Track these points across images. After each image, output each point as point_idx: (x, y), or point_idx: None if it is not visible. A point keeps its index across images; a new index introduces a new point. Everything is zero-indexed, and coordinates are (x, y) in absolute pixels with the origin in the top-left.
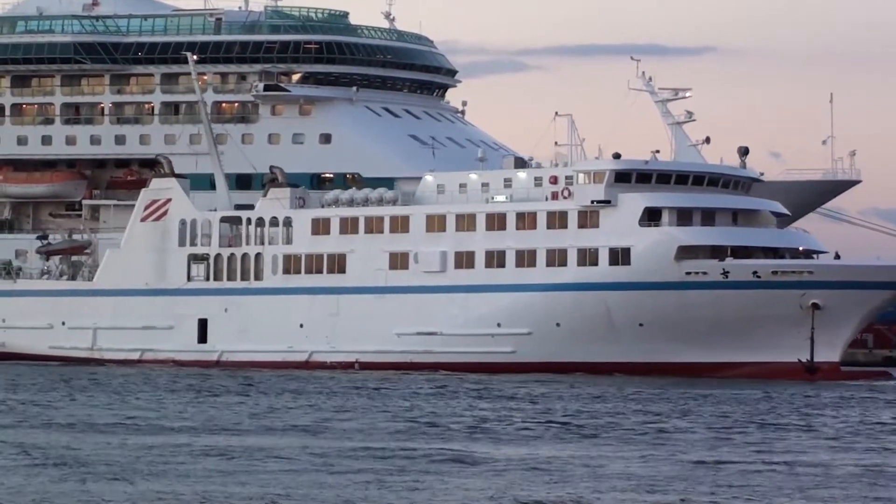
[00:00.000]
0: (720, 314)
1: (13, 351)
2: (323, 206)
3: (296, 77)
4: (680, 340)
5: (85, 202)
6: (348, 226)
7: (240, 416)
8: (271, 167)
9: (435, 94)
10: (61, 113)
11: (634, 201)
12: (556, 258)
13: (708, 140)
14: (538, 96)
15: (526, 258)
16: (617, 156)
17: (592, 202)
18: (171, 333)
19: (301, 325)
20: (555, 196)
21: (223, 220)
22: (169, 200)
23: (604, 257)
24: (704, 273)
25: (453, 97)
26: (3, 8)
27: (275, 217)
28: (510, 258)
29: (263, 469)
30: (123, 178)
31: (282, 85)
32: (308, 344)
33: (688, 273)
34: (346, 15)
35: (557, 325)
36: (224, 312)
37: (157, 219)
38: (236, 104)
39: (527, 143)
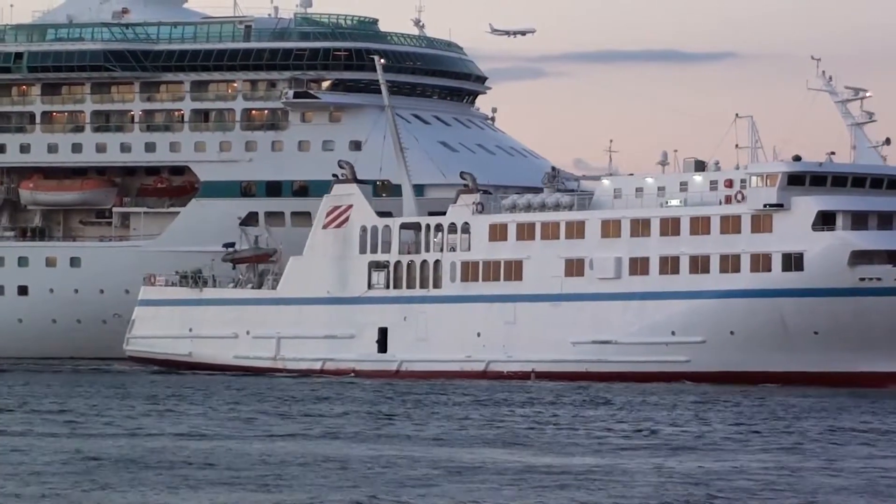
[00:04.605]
0: None
1: (199, 361)
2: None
3: (325, 84)
4: (857, 349)
5: (115, 210)
6: (525, 232)
7: None
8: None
9: (465, 100)
10: (91, 120)
11: (807, 205)
12: (730, 264)
13: (888, 141)
14: (561, 102)
15: (700, 264)
16: (797, 158)
17: (765, 206)
18: (351, 342)
19: (478, 334)
20: (728, 200)
21: (403, 226)
22: (350, 207)
23: (777, 263)
24: (879, 279)
25: (483, 104)
26: (33, 16)
27: (453, 223)
28: (684, 264)
29: None
30: (153, 185)
31: (311, 92)
32: (485, 353)
33: (862, 279)
34: (375, 22)
35: (731, 333)
36: (403, 321)
37: (339, 226)
38: (266, 111)
39: (551, 149)
